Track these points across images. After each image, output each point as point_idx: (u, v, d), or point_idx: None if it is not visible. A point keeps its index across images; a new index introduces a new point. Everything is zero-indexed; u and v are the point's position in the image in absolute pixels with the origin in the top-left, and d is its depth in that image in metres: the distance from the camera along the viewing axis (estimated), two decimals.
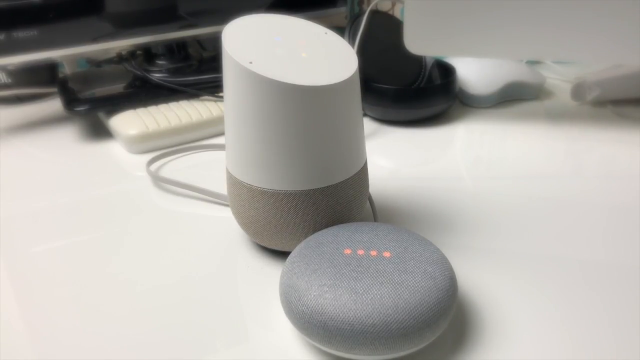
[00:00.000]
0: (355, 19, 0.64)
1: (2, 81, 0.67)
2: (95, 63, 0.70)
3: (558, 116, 0.63)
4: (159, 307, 0.36)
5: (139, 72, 0.61)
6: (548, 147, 0.56)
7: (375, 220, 0.43)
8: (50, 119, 0.66)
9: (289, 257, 0.34)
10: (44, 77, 0.69)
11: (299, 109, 0.34)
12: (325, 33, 0.39)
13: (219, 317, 0.35)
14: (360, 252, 0.33)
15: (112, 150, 0.57)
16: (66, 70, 0.70)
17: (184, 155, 0.56)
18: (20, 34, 0.55)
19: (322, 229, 0.38)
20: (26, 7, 0.55)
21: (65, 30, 0.57)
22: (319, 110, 0.35)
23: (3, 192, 0.50)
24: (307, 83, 0.34)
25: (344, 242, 0.34)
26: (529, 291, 0.37)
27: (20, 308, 0.36)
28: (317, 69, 0.35)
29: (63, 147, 0.58)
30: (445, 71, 0.64)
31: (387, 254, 0.33)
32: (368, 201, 0.45)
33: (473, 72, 0.65)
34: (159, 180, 0.50)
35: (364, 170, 0.40)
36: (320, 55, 0.37)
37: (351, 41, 0.62)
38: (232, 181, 0.39)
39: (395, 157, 0.55)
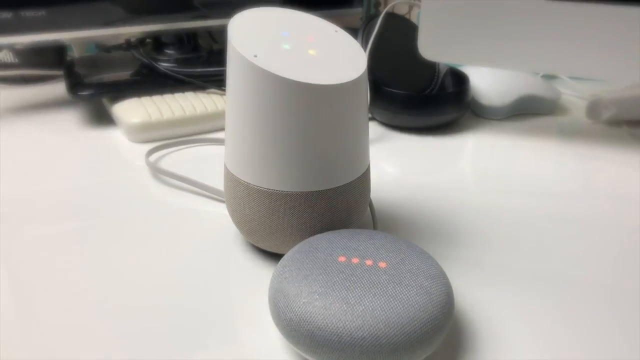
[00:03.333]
0: (369, 20, 0.63)
1: (9, 61, 0.66)
2: (104, 48, 0.69)
3: (571, 133, 0.61)
4: (146, 304, 0.35)
5: (146, 60, 0.60)
6: (558, 164, 0.54)
7: (374, 227, 0.42)
8: (54, 101, 0.65)
9: (281, 261, 0.33)
10: (52, 59, 0.68)
11: (301, 108, 0.33)
12: (336, 31, 0.38)
13: (206, 318, 0.34)
14: (355, 260, 0.32)
15: (114, 137, 0.56)
16: (74, 53, 0.70)
17: (185, 148, 0.55)
18: (29, 13, 0.54)
19: (318, 233, 0.37)
20: None
21: (77, 12, 0.56)
22: (322, 111, 0.34)
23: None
24: (312, 81, 0.33)
25: (339, 248, 0.33)
26: (530, 311, 0.35)
27: (6, 293, 0.35)
28: (324, 68, 0.34)
29: (65, 132, 0.57)
30: (459, 79, 0.63)
31: (382, 265, 0.31)
32: (368, 207, 0.44)
33: (487, 82, 0.63)
34: (156, 172, 0.49)
35: (366, 175, 0.38)
36: (328, 53, 0.36)
37: (364, 42, 0.61)
38: (229, 177, 0.38)
39: (401, 164, 0.53)
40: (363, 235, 0.34)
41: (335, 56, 0.35)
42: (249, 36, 0.35)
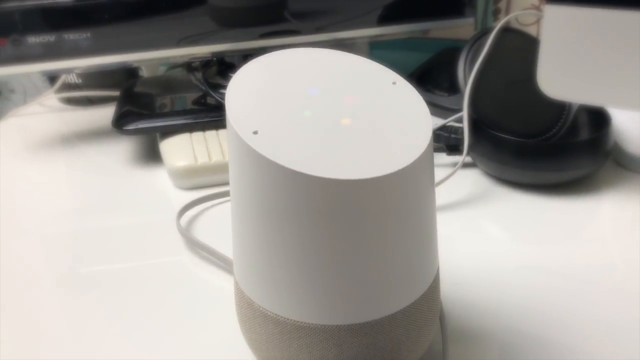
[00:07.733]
0: (478, 37, 0.49)
1: (72, 82, 0.61)
2: (175, 66, 0.63)
3: None
4: None
5: (202, 87, 0.52)
6: None
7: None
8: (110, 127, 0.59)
9: None
10: (119, 79, 0.62)
11: (322, 210, 0.22)
12: (394, 83, 0.26)
13: None
14: None
15: (160, 178, 0.49)
16: (144, 73, 0.63)
17: (228, 201, 0.45)
18: (73, 36, 0.48)
19: None
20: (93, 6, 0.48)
21: (145, 32, 0.49)
22: (354, 215, 0.22)
23: (40, 196, 0.47)
24: (336, 175, 0.21)
25: None
26: None
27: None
28: (361, 148, 0.22)
29: (113, 165, 0.51)
30: (597, 118, 0.47)
31: None
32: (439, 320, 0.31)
33: (637, 122, 0.47)
34: (188, 241, 0.40)
35: (429, 296, 0.26)
36: (373, 122, 0.24)
37: (468, 68, 0.47)
38: (235, 285, 0.27)
39: (510, 233, 0.40)
40: None
41: (383, 127, 0.24)
42: (254, 100, 0.24)
